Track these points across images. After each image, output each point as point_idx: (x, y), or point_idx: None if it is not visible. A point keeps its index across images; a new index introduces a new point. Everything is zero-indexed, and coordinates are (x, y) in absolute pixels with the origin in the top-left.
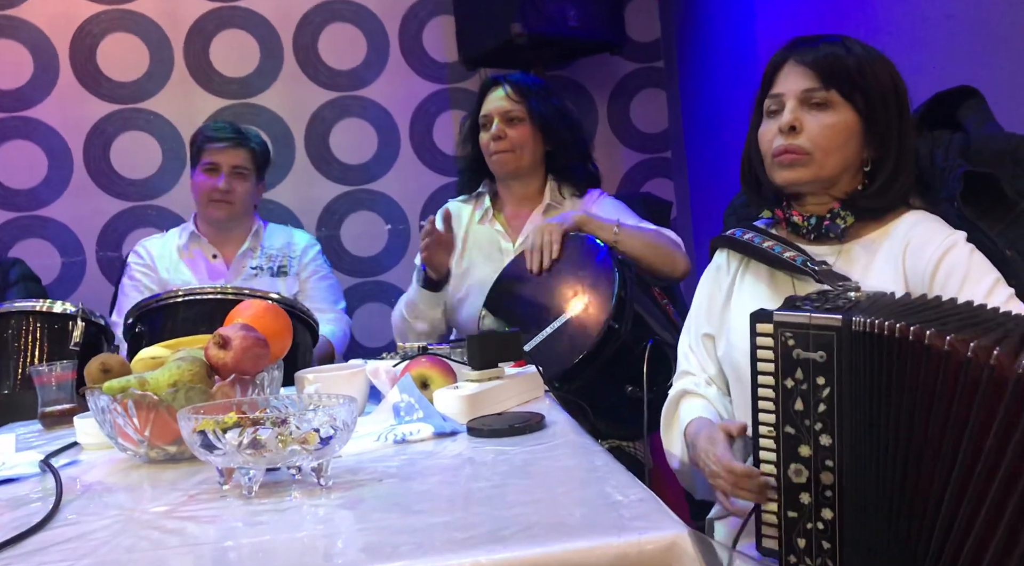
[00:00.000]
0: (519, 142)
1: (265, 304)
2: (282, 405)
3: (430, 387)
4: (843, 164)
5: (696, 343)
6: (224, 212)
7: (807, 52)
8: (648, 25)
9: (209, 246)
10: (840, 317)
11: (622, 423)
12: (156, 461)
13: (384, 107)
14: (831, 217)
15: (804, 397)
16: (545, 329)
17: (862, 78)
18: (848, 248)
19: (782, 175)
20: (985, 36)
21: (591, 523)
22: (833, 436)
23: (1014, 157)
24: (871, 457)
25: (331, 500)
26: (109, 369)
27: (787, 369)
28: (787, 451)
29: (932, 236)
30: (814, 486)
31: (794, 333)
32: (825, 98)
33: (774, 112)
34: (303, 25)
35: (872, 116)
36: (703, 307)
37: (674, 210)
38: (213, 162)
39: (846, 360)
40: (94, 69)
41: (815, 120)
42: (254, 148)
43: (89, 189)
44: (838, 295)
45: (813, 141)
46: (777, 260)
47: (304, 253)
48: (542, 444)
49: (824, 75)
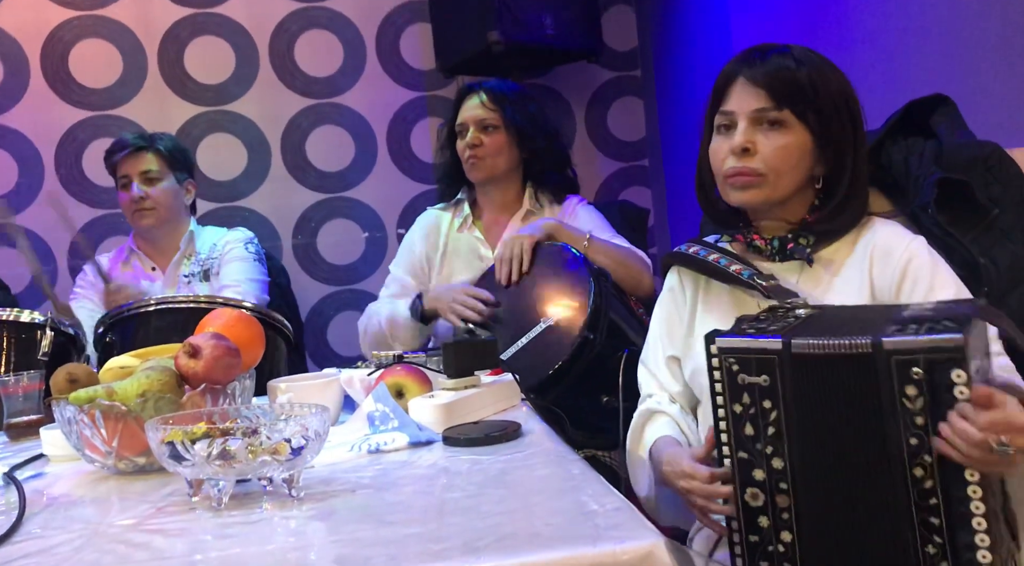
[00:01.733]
0: (494, 149)
1: (237, 313)
2: (253, 415)
3: (405, 396)
4: (795, 183)
5: (657, 367)
6: (150, 219)
7: (757, 67)
8: (625, 34)
9: (147, 259)
10: (780, 340)
11: (598, 433)
12: (124, 473)
13: (361, 114)
14: (793, 239)
15: (753, 421)
16: (521, 339)
17: (815, 94)
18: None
19: (735, 196)
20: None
21: (567, 533)
22: (784, 459)
23: (986, 164)
24: (824, 476)
25: (303, 511)
26: (76, 379)
27: (734, 394)
28: (742, 475)
29: (896, 243)
30: (771, 509)
31: (737, 358)
32: (778, 118)
33: (726, 129)
34: (279, 32)
35: (825, 132)
36: (663, 331)
37: (651, 218)
38: (124, 174)
39: (789, 382)
40: (66, 75)
41: (768, 141)
42: (160, 149)
43: (60, 197)
44: (787, 312)
45: (767, 163)
46: (724, 274)
47: (226, 248)
48: (518, 453)
49: (776, 93)
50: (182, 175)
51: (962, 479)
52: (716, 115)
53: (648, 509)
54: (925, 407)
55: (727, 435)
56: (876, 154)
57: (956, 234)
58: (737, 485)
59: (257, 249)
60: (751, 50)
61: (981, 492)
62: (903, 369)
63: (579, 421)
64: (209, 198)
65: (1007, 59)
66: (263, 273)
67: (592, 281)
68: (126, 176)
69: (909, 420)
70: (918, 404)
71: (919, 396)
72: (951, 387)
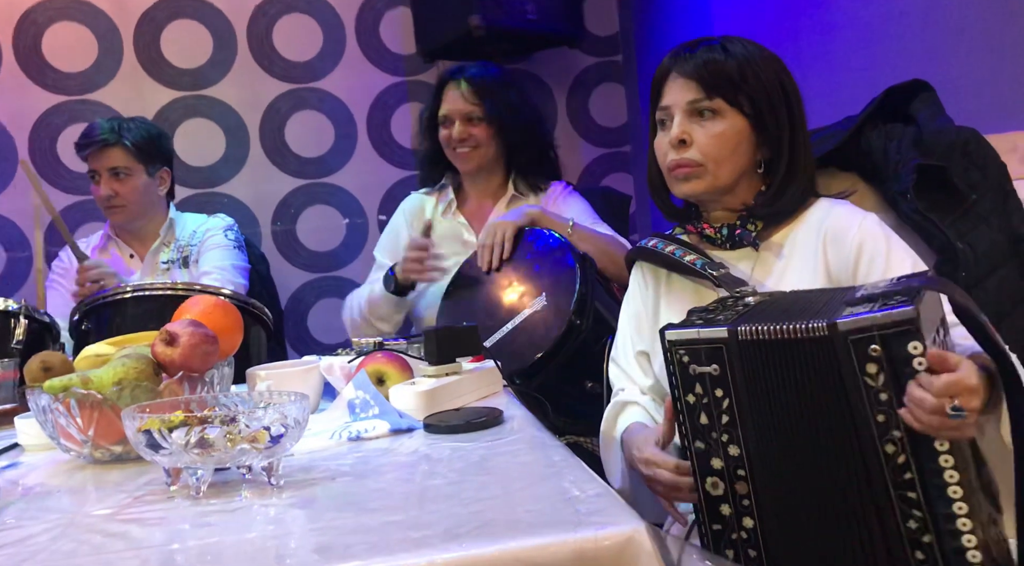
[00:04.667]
0: (481, 140)
1: (215, 300)
2: (232, 403)
3: (386, 383)
4: (737, 170)
5: (628, 363)
6: (120, 216)
7: (687, 61)
8: (606, 19)
9: (125, 246)
10: (726, 329)
11: (580, 419)
12: (100, 462)
13: (341, 99)
14: (741, 224)
15: (707, 411)
16: (506, 325)
17: (744, 82)
18: (763, 251)
19: (679, 188)
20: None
21: (548, 519)
22: (740, 446)
23: (964, 150)
24: (780, 461)
25: (282, 500)
26: (50, 367)
27: (687, 385)
28: (701, 465)
29: (847, 223)
30: (731, 497)
31: (687, 349)
32: (710, 106)
33: (663, 123)
34: (257, 16)
35: (760, 118)
36: (631, 326)
37: (633, 204)
38: (92, 169)
39: (739, 370)
40: (39, 59)
41: (703, 131)
42: (127, 144)
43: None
44: (736, 301)
45: (703, 152)
46: (679, 265)
47: (206, 236)
48: (500, 440)
49: (706, 84)
50: (154, 166)
51: (932, 450)
52: (656, 112)
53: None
54: (888, 382)
55: (684, 426)
56: (855, 140)
57: (934, 219)
58: (697, 475)
59: (237, 236)
60: (681, 46)
61: (952, 460)
62: (861, 347)
63: (562, 407)
64: (187, 184)
65: (986, 45)
66: (243, 260)
67: (578, 267)
68: (95, 171)
69: (873, 397)
70: (880, 380)
71: (880, 372)
72: (909, 359)
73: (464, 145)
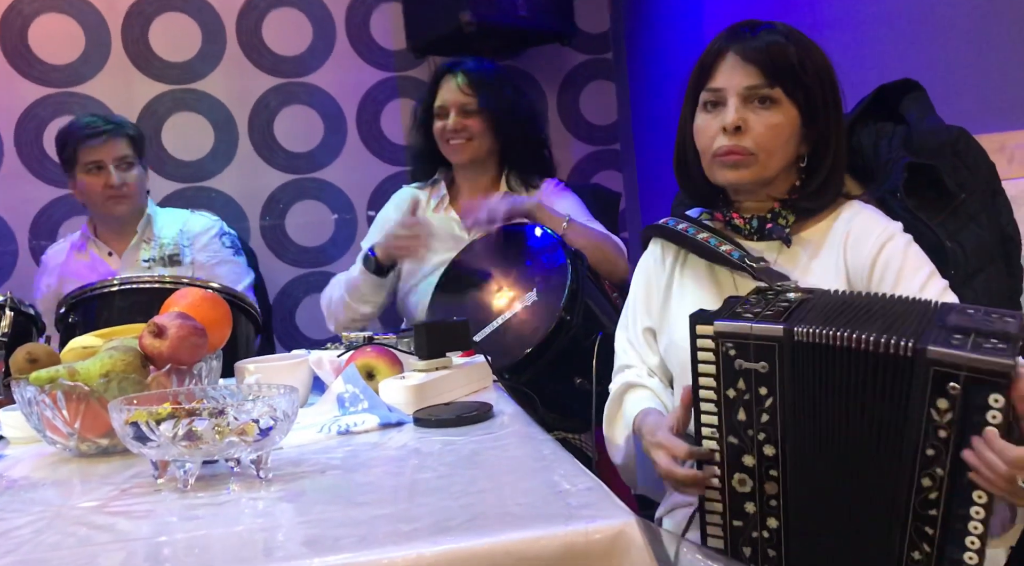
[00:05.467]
0: (475, 131)
1: (203, 292)
2: (220, 395)
3: (376, 377)
4: (784, 162)
5: (636, 337)
6: (125, 206)
7: (748, 42)
8: (597, 16)
9: (103, 245)
10: (782, 327)
11: (570, 415)
12: (87, 455)
13: (330, 94)
14: (772, 218)
15: (747, 407)
16: (496, 320)
17: (804, 74)
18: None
19: (725, 175)
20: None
21: (538, 512)
22: (776, 446)
23: (954, 149)
24: (815, 466)
25: (271, 493)
26: (36, 359)
27: (729, 379)
28: (731, 461)
29: (871, 229)
30: (759, 496)
31: (735, 343)
32: (769, 95)
33: (713, 105)
34: (247, 10)
35: (811, 112)
36: (640, 300)
37: (623, 202)
38: (96, 160)
39: (788, 370)
40: (26, 50)
41: (760, 120)
42: (131, 135)
43: (21, 176)
44: (777, 295)
45: (758, 142)
46: (714, 254)
47: (197, 239)
48: (490, 434)
49: (768, 71)
50: (144, 160)
51: (969, 498)
52: (702, 92)
53: (624, 475)
54: (952, 422)
55: (717, 418)
56: (847, 138)
57: (924, 218)
58: (725, 469)
59: (233, 240)
60: (739, 25)
61: (984, 514)
62: (940, 380)
63: (551, 403)
64: (175, 178)
65: (976, 45)
66: (247, 268)
67: (569, 263)
68: (99, 161)
69: (932, 430)
70: (946, 418)
71: (948, 410)
72: (984, 409)
73: (458, 136)
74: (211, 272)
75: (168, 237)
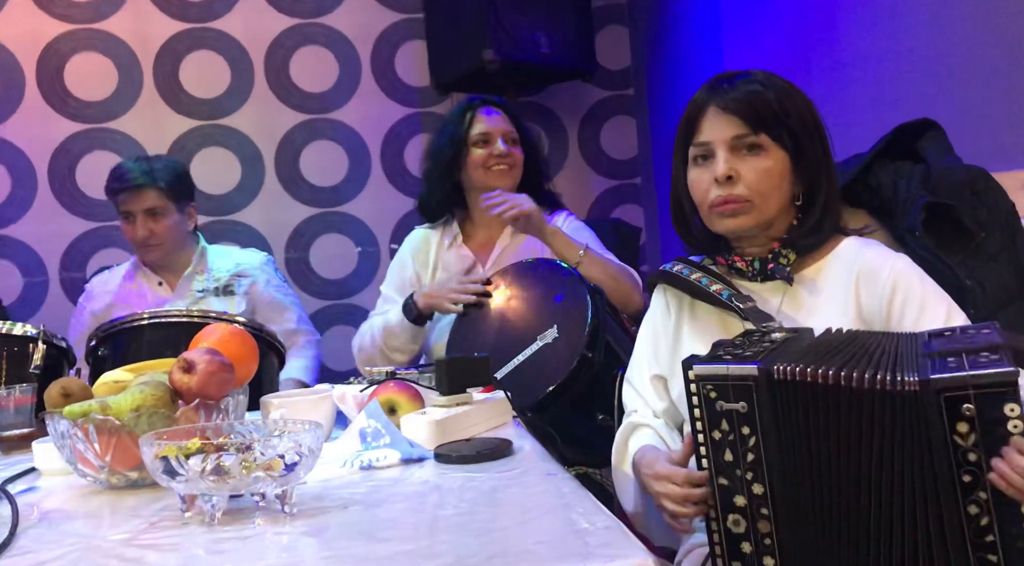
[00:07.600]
0: (517, 160)
1: (231, 328)
2: (247, 431)
3: (397, 412)
4: (781, 204)
5: (642, 384)
6: (156, 254)
7: (727, 94)
8: (618, 53)
9: (153, 275)
10: (757, 366)
11: (590, 450)
12: (116, 487)
13: (355, 130)
14: (774, 258)
15: (732, 448)
16: (517, 357)
17: (787, 117)
18: (794, 285)
19: (725, 224)
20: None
21: (557, 551)
22: (764, 484)
23: (972, 189)
24: (804, 502)
25: (295, 527)
26: (70, 393)
27: (713, 421)
28: (723, 502)
29: (881, 263)
30: (753, 535)
31: (715, 385)
32: (755, 142)
33: (703, 159)
34: (274, 47)
35: (799, 151)
36: (648, 349)
37: (643, 236)
38: (127, 211)
39: (767, 409)
40: (61, 88)
41: (749, 166)
42: (161, 186)
43: (53, 209)
44: (763, 336)
45: (751, 188)
46: (704, 294)
47: (262, 269)
48: (510, 471)
49: (751, 119)
50: (183, 203)
51: (1018, 514)
52: (691, 147)
53: (638, 526)
54: (978, 443)
55: (707, 461)
56: (864, 176)
57: (943, 256)
58: (719, 511)
59: (281, 278)
60: (716, 78)
61: None
62: (953, 406)
63: (571, 438)
64: (203, 212)
65: (992, 85)
66: (297, 302)
67: (589, 299)
68: (129, 212)
69: (961, 457)
70: (970, 440)
71: (971, 432)
72: (1004, 421)
73: (503, 162)
74: (284, 298)
75: (222, 270)
